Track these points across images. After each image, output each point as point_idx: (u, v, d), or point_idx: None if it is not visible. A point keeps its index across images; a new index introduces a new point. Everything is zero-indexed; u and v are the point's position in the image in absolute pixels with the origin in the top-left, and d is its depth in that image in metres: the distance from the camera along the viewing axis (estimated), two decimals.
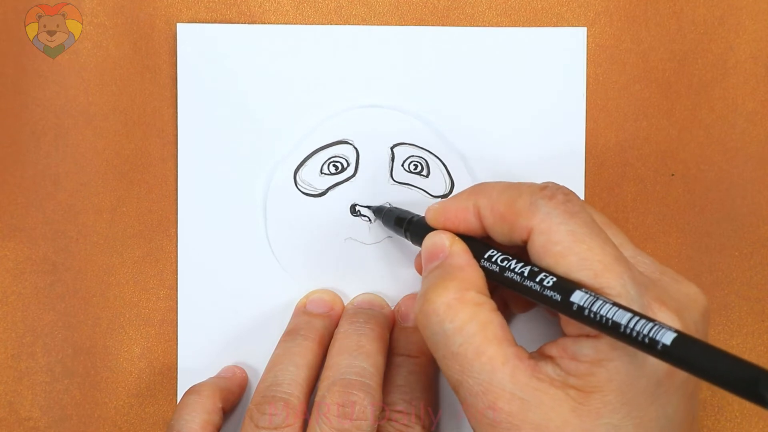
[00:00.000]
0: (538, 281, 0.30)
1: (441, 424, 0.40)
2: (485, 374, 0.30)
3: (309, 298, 0.40)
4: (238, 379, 0.40)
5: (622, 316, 0.27)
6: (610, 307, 0.27)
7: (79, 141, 0.41)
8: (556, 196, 0.31)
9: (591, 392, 0.29)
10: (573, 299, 0.28)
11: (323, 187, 0.41)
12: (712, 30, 0.41)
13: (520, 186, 0.32)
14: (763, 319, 0.42)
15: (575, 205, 0.31)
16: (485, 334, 0.30)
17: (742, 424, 0.41)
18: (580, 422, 0.29)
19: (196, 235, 0.41)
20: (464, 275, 0.32)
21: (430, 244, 0.34)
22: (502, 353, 0.30)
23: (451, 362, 0.31)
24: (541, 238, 0.30)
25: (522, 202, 0.31)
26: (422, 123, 0.41)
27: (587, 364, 0.29)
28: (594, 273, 0.29)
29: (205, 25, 0.41)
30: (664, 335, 0.26)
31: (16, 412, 0.41)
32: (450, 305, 0.31)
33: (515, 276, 0.31)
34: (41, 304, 0.41)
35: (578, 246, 0.30)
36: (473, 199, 0.33)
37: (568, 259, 0.30)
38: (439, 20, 0.41)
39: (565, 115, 0.41)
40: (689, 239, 0.41)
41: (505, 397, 0.29)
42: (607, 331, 0.27)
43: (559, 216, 0.30)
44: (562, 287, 0.29)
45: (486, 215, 0.33)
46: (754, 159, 0.41)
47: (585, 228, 0.30)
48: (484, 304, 0.31)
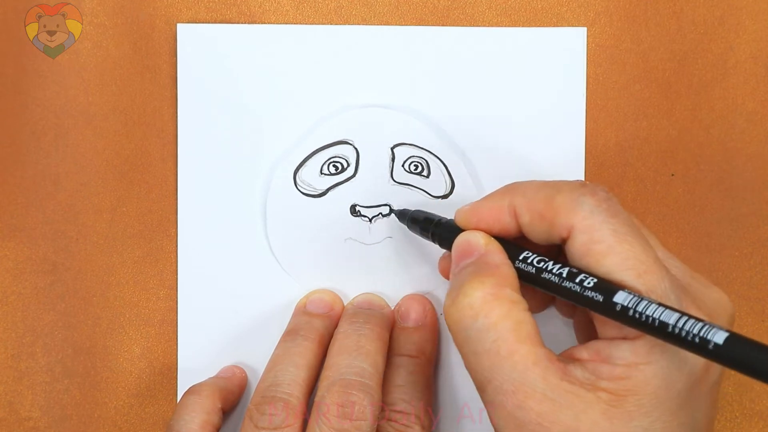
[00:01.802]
0: (578, 282, 0.29)
1: (441, 424, 0.40)
2: (517, 373, 0.29)
3: (309, 298, 0.40)
4: (237, 379, 0.40)
5: (669, 316, 0.26)
6: (656, 307, 0.27)
7: (79, 141, 0.41)
8: (597, 194, 0.31)
9: (625, 395, 0.29)
10: (616, 299, 0.28)
11: (323, 188, 0.41)
12: (712, 30, 0.41)
13: (559, 184, 0.32)
14: (763, 319, 0.42)
15: (616, 205, 0.31)
16: (519, 332, 0.30)
17: (742, 424, 0.41)
18: (611, 425, 0.29)
19: (196, 235, 0.41)
20: (500, 272, 0.32)
21: (463, 241, 0.34)
22: (534, 353, 0.30)
23: (481, 358, 0.30)
24: (583, 237, 0.30)
25: (562, 199, 0.31)
26: (422, 123, 0.41)
27: (623, 367, 0.29)
28: (636, 273, 0.29)
29: (205, 25, 0.41)
30: (715, 335, 0.25)
31: (16, 412, 0.41)
32: (486, 300, 0.30)
33: (553, 277, 0.30)
34: (41, 304, 0.41)
35: (621, 246, 0.29)
36: (508, 198, 0.33)
37: (610, 259, 0.29)
38: (439, 20, 0.41)
39: (565, 115, 0.41)
40: (689, 239, 0.41)
41: (535, 397, 0.29)
42: (653, 332, 0.27)
43: (602, 214, 0.30)
44: (604, 288, 0.29)
45: (522, 213, 0.32)
46: (754, 159, 0.41)
47: (627, 228, 0.30)
48: (519, 303, 0.31)
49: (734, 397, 0.41)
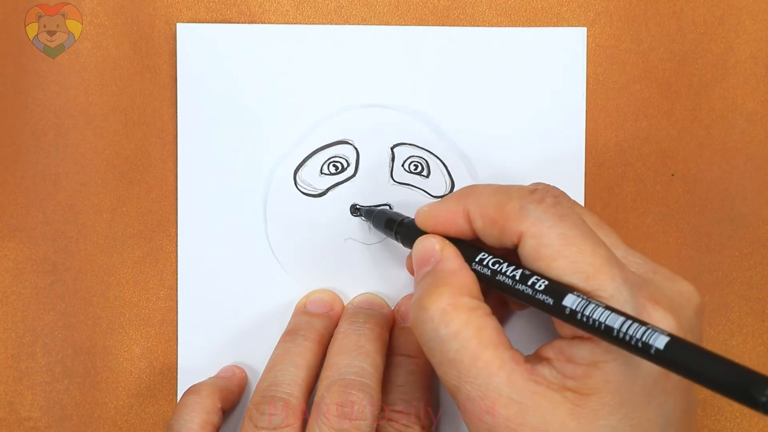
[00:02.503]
0: (530, 285, 0.30)
1: (441, 424, 0.40)
2: (482, 379, 0.30)
3: (309, 298, 0.40)
4: (237, 379, 0.40)
5: (614, 320, 0.27)
6: (603, 310, 0.27)
7: (79, 141, 0.41)
8: (545, 200, 0.31)
9: (588, 394, 0.29)
10: (565, 303, 0.28)
11: (323, 187, 0.41)
12: (712, 30, 0.41)
13: (510, 189, 0.32)
14: (763, 319, 0.41)
15: (564, 208, 0.31)
16: (480, 339, 0.30)
17: (742, 424, 0.41)
18: (578, 424, 0.29)
19: (196, 235, 0.41)
20: (457, 280, 0.32)
21: (420, 248, 0.34)
22: (498, 357, 0.30)
23: (447, 368, 0.31)
24: (532, 242, 0.30)
25: (512, 206, 0.31)
26: (422, 123, 0.41)
27: (583, 366, 0.29)
28: (585, 275, 0.29)
29: (205, 25, 0.41)
30: (657, 339, 0.25)
31: (16, 412, 0.41)
32: (445, 311, 0.31)
33: (507, 279, 0.31)
34: (41, 304, 0.41)
35: (568, 249, 0.30)
36: (463, 202, 0.33)
37: (558, 263, 0.30)
38: (439, 20, 0.41)
39: (565, 115, 0.41)
40: (689, 239, 0.41)
41: (502, 402, 0.29)
42: (600, 335, 0.27)
43: (549, 219, 0.30)
44: (555, 290, 0.29)
45: (476, 219, 0.33)
46: (754, 159, 0.41)
47: (575, 230, 0.30)
48: (478, 309, 0.31)
49: None
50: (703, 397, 0.41)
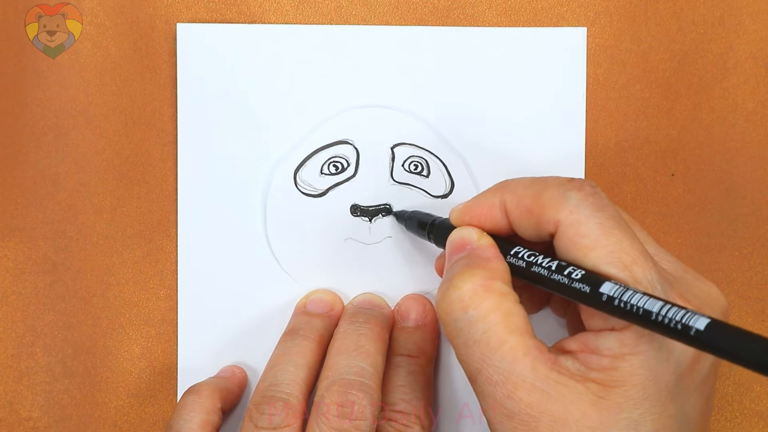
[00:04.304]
0: (566, 274, 0.30)
1: (441, 424, 0.40)
2: (506, 364, 0.30)
3: (309, 298, 0.40)
4: (237, 379, 0.40)
5: (653, 305, 0.27)
6: (641, 296, 0.27)
7: (79, 141, 0.41)
8: (584, 188, 0.31)
9: (613, 386, 0.29)
10: (602, 290, 0.28)
11: (323, 187, 0.41)
12: (712, 30, 0.41)
13: (546, 179, 0.32)
14: (763, 319, 0.41)
15: (603, 198, 0.31)
16: (508, 324, 0.30)
17: (742, 424, 0.41)
18: (600, 416, 0.29)
19: (196, 235, 0.41)
20: (491, 266, 0.32)
21: (457, 237, 0.34)
22: (523, 344, 0.30)
23: (472, 350, 0.31)
24: (570, 231, 0.30)
25: (549, 195, 0.31)
26: (422, 123, 0.41)
27: (610, 358, 0.29)
28: (623, 265, 0.29)
29: (205, 25, 0.41)
30: (697, 321, 0.25)
31: (16, 412, 0.41)
32: (476, 292, 0.31)
33: (542, 270, 0.31)
34: (41, 304, 0.41)
35: (607, 239, 0.30)
36: (499, 195, 0.33)
37: (596, 252, 0.30)
38: (439, 20, 0.41)
39: (565, 115, 0.41)
40: (689, 239, 0.41)
41: (525, 388, 0.29)
42: (638, 321, 0.27)
43: (588, 208, 0.30)
44: (591, 279, 0.29)
45: (512, 210, 0.33)
46: (754, 159, 0.41)
47: (613, 221, 0.30)
48: (509, 295, 0.31)
49: (734, 397, 0.41)
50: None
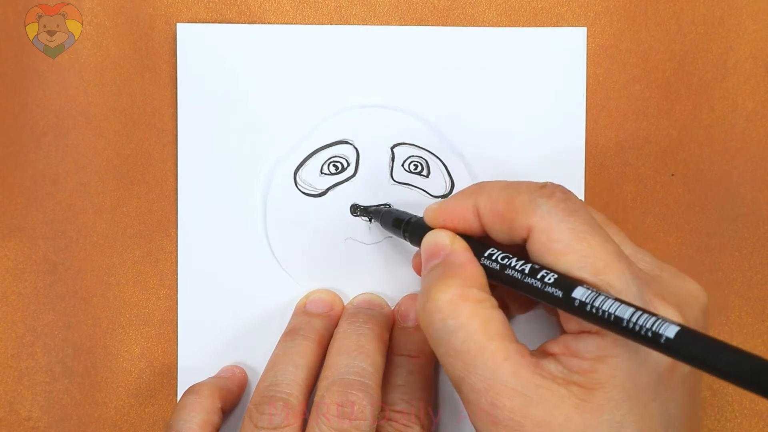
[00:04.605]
0: (539, 278, 0.30)
1: (441, 424, 0.40)
2: (488, 371, 0.30)
3: (309, 298, 0.40)
4: (237, 378, 0.40)
5: (624, 311, 0.27)
6: (612, 302, 0.27)
7: (79, 141, 0.41)
8: (555, 194, 0.31)
9: (593, 389, 0.29)
10: (575, 295, 0.28)
11: (323, 187, 0.41)
12: (712, 30, 0.41)
13: (519, 184, 0.32)
14: (763, 319, 0.41)
15: (574, 203, 0.31)
16: (487, 330, 0.30)
17: (742, 424, 0.41)
18: (583, 419, 0.29)
19: (196, 235, 0.41)
20: (466, 272, 0.32)
21: (430, 242, 0.34)
22: (504, 349, 0.30)
23: (453, 359, 0.31)
24: (542, 236, 0.30)
25: (521, 200, 0.31)
26: (422, 123, 0.41)
27: (589, 361, 0.29)
28: (595, 270, 0.29)
29: (205, 25, 0.41)
30: (667, 329, 0.25)
31: (16, 412, 0.41)
32: (452, 302, 0.31)
33: (516, 273, 0.31)
34: (41, 304, 0.41)
35: (579, 243, 0.30)
36: (472, 198, 0.33)
37: (568, 257, 0.30)
38: (439, 20, 0.41)
39: (565, 115, 0.41)
40: (689, 239, 0.41)
41: (507, 394, 0.29)
42: (610, 327, 0.27)
43: (559, 214, 0.30)
44: (564, 284, 0.29)
45: (485, 214, 0.33)
46: (754, 159, 0.41)
47: (585, 226, 0.30)
48: (486, 301, 0.31)
49: (734, 397, 0.41)
50: (703, 397, 0.41)
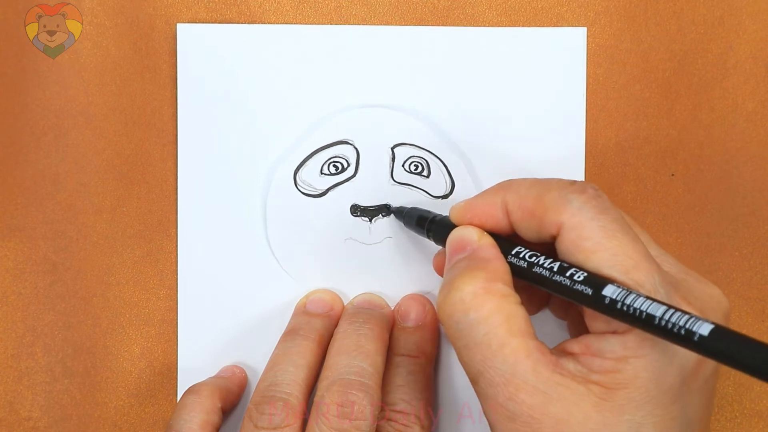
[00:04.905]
0: (568, 276, 0.30)
1: (441, 424, 0.40)
2: (508, 366, 0.30)
3: (309, 298, 0.40)
4: (237, 378, 0.40)
5: (656, 309, 0.27)
6: (644, 300, 0.27)
7: (79, 141, 0.41)
8: (586, 191, 0.31)
9: (615, 389, 0.29)
10: (605, 293, 0.28)
11: (323, 188, 0.41)
12: (712, 30, 0.41)
13: (549, 181, 0.32)
14: (763, 319, 0.41)
15: (605, 201, 0.31)
16: (510, 326, 0.30)
17: (742, 424, 0.41)
18: (602, 418, 0.29)
19: (196, 235, 0.41)
20: (492, 267, 0.32)
21: (457, 236, 0.34)
22: (525, 346, 0.30)
23: (473, 352, 0.30)
24: (572, 234, 0.30)
25: (551, 197, 0.31)
26: (422, 123, 0.41)
27: (612, 361, 0.29)
28: (625, 269, 0.29)
29: (205, 25, 0.41)
30: (701, 326, 0.25)
31: (16, 412, 0.41)
32: (477, 294, 0.31)
33: (544, 271, 0.31)
34: (41, 304, 0.41)
35: (609, 242, 0.30)
36: (501, 195, 0.33)
37: (598, 255, 0.29)
38: (439, 20, 0.41)
39: (565, 115, 0.41)
40: (689, 239, 0.41)
41: (527, 390, 0.29)
42: (641, 324, 0.27)
43: (590, 211, 0.30)
44: (593, 282, 0.29)
45: (514, 211, 0.33)
46: (754, 159, 0.41)
47: (616, 224, 0.30)
48: (510, 297, 0.31)
49: (734, 397, 0.41)
50: None
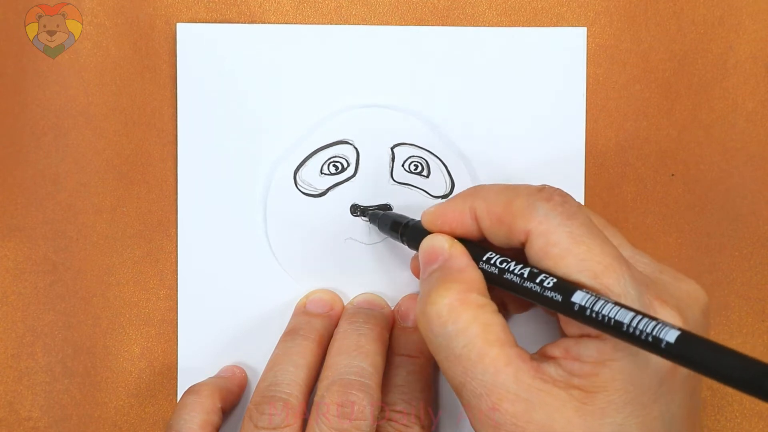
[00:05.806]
0: (538, 282, 0.30)
1: (441, 424, 0.40)
2: (488, 376, 0.30)
3: (309, 298, 0.40)
4: (237, 378, 0.40)
5: (624, 315, 0.27)
6: (612, 306, 0.27)
7: (79, 141, 0.41)
8: (553, 198, 0.31)
9: (595, 392, 0.29)
10: (574, 299, 0.28)
11: (323, 187, 0.41)
12: (712, 30, 0.41)
13: (517, 188, 0.32)
14: (763, 319, 0.41)
15: (573, 207, 0.31)
16: (487, 336, 0.30)
17: (742, 424, 0.41)
18: (584, 422, 0.29)
19: (196, 235, 0.41)
20: (465, 277, 0.32)
21: (428, 246, 0.34)
22: (504, 355, 0.30)
23: (453, 364, 0.31)
24: (540, 240, 0.30)
25: (519, 204, 0.31)
26: (423, 123, 0.41)
27: (590, 365, 0.29)
28: (594, 273, 0.29)
29: (205, 25, 0.41)
30: (667, 333, 0.25)
31: (16, 412, 0.41)
32: (452, 307, 0.31)
33: (515, 278, 0.31)
34: (41, 304, 0.41)
35: (577, 247, 0.30)
36: (470, 201, 0.33)
37: (567, 261, 0.30)
38: (439, 20, 0.41)
39: (565, 115, 0.41)
40: (689, 239, 0.41)
41: (509, 399, 0.29)
42: (610, 331, 0.27)
43: (557, 217, 0.30)
44: (563, 288, 0.29)
45: (483, 218, 0.33)
46: (754, 159, 0.41)
47: (583, 229, 0.30)
48: (486, 306, 0.31)
49: (734, 398, 0.41)
50: (703, 397, 0.41)
